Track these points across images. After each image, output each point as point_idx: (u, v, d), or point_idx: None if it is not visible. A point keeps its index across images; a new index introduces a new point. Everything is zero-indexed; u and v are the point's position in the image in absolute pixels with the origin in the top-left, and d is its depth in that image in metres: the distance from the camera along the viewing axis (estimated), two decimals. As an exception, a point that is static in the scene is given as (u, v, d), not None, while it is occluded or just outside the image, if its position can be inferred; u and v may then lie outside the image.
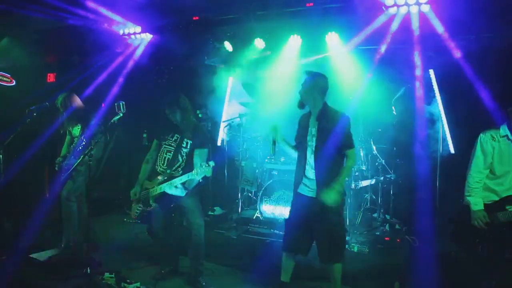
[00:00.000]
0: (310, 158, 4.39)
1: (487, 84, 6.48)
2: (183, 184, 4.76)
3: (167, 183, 4.78)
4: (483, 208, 4.26)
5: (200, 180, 4.70)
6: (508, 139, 4.28)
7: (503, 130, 4.32)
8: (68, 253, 5.76)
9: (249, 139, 8.13)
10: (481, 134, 4.42)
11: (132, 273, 5.30)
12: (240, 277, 5.18)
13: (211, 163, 4.49)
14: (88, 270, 4.79)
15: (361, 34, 6.79)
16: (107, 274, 4.90)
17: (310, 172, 4.40)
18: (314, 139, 4.37)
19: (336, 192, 4.20)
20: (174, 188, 4.75)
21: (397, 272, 5.34)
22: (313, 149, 4.36)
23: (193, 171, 4.56)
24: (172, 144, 4.95)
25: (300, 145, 4.53)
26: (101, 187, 7.54)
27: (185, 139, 4.91)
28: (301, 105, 4.49)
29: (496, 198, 4.30)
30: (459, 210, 4.52)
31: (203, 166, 4.49)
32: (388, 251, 6.37)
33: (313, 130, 4.41)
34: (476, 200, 4.29)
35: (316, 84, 4.40)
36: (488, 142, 4.33)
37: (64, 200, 5.77)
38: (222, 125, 8.72)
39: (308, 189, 4.43)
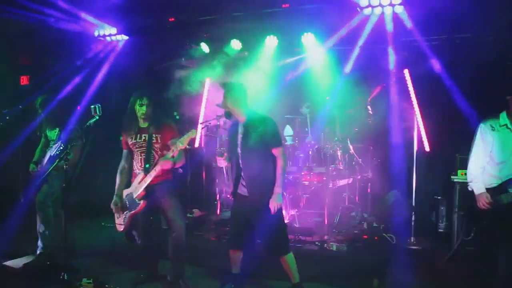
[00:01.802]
0: (241, 164, 4.62)
1: (460, 83, 6.63)
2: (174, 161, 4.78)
3: (151, 171, 4.76)
4: (485, 190, 4.48)
5: (188, 146, 4.70)
6: (508, 128, 4.43)
7: (503, 119, 4.46)
8: (45, 259, 5.66)
9: (227, 140, 8.11)
10: (481, 124, 4.59)
11: (111, 278, 5.23)
12: (220, 279, 5.17)
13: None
14: (66, 276, 4.73)
15: (337, 35, 6.86)
16: (84, 280, 4.83)
17: (243, 174, 4.63)
18: (241, 145, 4.62)
19: (280, 195, 4.51)
20: (158, 170, 4.72)
21: (376, 269, 5.40)
22: (240, 155, 4.63)
23: (176, 143, 4.57)
24: (143, 144, 4.93)
25: (231, 154, 4.76)
26: (78, 191, 7.43)
27: (153, 135, 4.92)
28: (228, 115, 4.73)
29: (499, 182, 4.48)
30: (466, 197, 4.77)
31: (184, 134, 4.57)
32: (366, 249, 6.45)
33: (239, 137, 4.64)
34: (478, 185, 4.52)
35: (237, 94, 4.65)
36: (487, 132, 4.50)
37: (39, 205, 5.68)
38: (199, 126, 8.68)
39: (243, 189, 4.65)
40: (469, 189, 4.62)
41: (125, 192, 4.98)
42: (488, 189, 4.49)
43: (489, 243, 4.63)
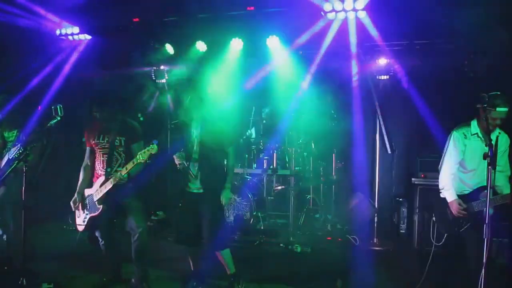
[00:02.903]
0: (193, 160, 4.74)
1: (420, 88, 6.81)
2: (128, 173, 4.67)
3: (112, 177, 4.66)
4: (457, 197, 4.54)
5: (148, 161, 4.62)
6: (478, 136, 4.51)
7: (474, 127, 4.54)
8: (2, 264, 5.49)
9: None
10: (453, 131, 4.63)
11: (72, 282, 5.15)
12: (183, 281, 5.14)
13: (155, 141, 4.48)
14: (24, 282, 4.60)
15: (301, 38, 6.92)
16: (45, 285, 4.76)
17: (194, 172, 4.75)
18: (196, 141, 4.74)
19: (229, 190, 4.78)
20: (120, 180, 4.64)
21: (339, 270, 5.48)
22: (195, 150, 4.74)
23: (137, 156, 4.50)
24: (106, 145, 4.86)
25: (186, 148, 4.87)
26: (38, 194, 7.22)
27: (117, 137, 4.85)
28: (188, 112, 4.81)
29: (470, 190, 4.57)
30: (438, 203, 4.76)
31: (146, 148, 4.49)
32: (330, 251, 6.53)
33: (194, 132, 4.78)
34: (450, 192, 4.57)
35: (200, 91, 4.84)
36: (460, 140, 4.56)
37: (-3, 208, 5.50)
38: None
39: (195, 186, 4.77)
40: (441, 196, 4.66)
41: (86, 192, 4.91)
42: (460, 196, 4.56)
43: (460, 249, 4.68)
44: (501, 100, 4.25)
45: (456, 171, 4.64)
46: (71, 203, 4.93)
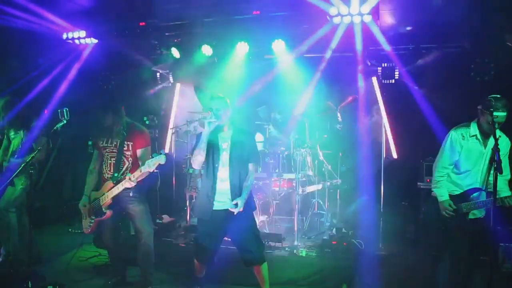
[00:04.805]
0: (221, 172, 4.51)
1: (426, 92, 6.80)
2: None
3: (119, 184, 4.67)
4: (448, 198, 4.50)
5: (156, 170, 4.61)
6: (477, 138, 4.44)
7: (473, 129, 4.46)
8: (8, 266, 5.51)
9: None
10: (451, 131, 4.57)
11: (78, 285, 5.15)
12: (187, 285, 5.13)
13: (162, 151, 4.46)
14: (30, 284, 4.61)
15: (307, 42, 6.93)
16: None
17: (221, 185, 4.52)
18: (225, 152, 4.53)
19: (244, 200, 4.45)
20: (127, 185, 4.63)
21: (345, 275, 5.46)
22: (225, 162, 4.52)
23: (145, 164, 4.47)
24: (114, 149, 4.86)
25: (208, 159, 4.56)
26: (43, 196, 7.26)
27: (125, 142, 4.84)
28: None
29: (460, 191, 4.53)
30: (428, 201, 4.79)
31: (154, 156, 4.45)
32: (335, 255, 6.48)
33: (223, 144, 4.55)
34: (441, 191, 4.54)
35: (229, 105, 4.60)
36: (457, 141, 4.50)
37: (2, 211, 5.51)
38: (169, 131, 8.63)
39: (219, 202, 4.52)
40: (432, 195, 4.65)
41: (93, 196, 4.90)
42: (450, 196, 4.53)
43: (438, 248, 4.67)
44: (500, 104, 4.19)
45: (450, 171, 4.60)
46: (80, 206, 4.93)
